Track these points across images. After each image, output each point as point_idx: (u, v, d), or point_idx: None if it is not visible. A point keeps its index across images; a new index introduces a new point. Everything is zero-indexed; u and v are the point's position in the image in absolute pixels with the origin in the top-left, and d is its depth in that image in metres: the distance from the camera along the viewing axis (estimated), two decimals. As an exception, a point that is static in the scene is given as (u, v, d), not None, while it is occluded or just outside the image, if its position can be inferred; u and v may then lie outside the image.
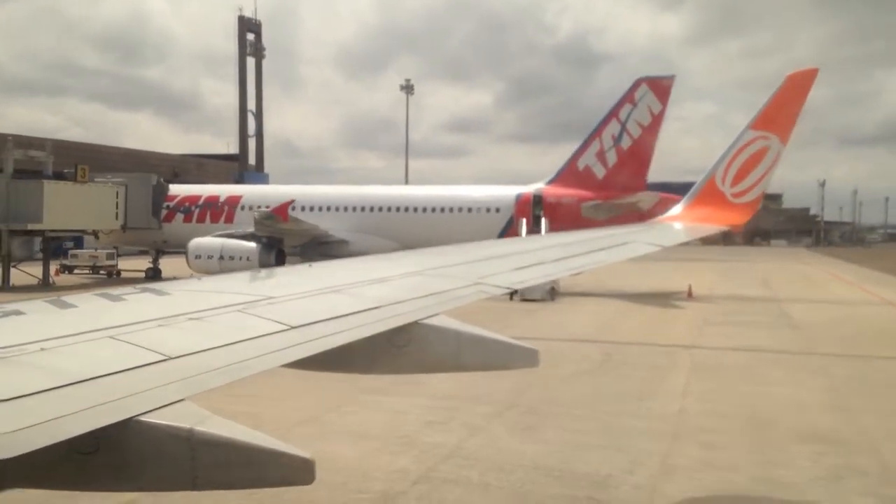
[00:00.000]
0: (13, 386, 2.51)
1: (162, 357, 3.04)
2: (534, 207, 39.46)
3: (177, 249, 46.16)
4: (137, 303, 4.14)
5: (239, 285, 5.12)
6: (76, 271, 44.79)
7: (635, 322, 27.66)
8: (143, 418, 2.59)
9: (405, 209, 41.70)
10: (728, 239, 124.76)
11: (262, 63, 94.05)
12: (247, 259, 37.87)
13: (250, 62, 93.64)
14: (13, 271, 36.88)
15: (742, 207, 11.49)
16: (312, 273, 6.29)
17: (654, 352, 20.91)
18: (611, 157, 39.42)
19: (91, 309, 3.95)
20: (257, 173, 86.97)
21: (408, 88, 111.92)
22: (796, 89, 11.45)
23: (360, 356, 4.30)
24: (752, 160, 11.30)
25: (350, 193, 44.12)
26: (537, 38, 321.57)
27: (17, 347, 2.90)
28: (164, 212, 43.33)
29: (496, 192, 41.73)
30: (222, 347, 3.32)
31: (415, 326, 4.43)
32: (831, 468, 10.79)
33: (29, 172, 38.10)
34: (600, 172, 39.63)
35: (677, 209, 11.95)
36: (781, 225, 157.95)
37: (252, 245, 38.81)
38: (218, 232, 40.60)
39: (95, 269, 44.68)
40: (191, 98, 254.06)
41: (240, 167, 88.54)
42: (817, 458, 11.20)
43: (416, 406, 14.60)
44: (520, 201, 40.29)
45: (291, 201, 38.65)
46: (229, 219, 42.94)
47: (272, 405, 14.50)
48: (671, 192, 32.23)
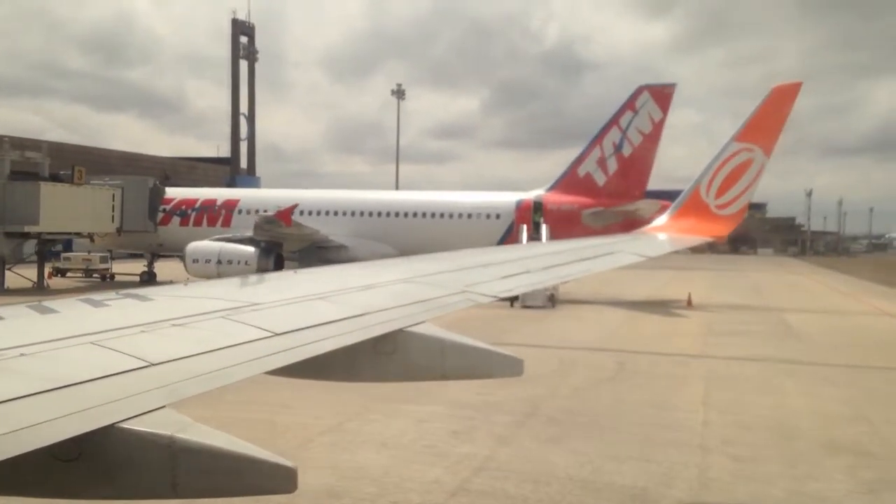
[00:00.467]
0: None
1: (144, 363, 2.99)
2: (534, 214, 39.44)
3: (172, 253, 45.74)
4: (120, 308, 4.07)
5: (223, 291, 5.05)
6: (69, 274, 44.20)
7: (640, 331, 27.64)
8: (125, 425, 2.55)
9: (405, 214, 41.55)
10: (714, 247, 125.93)
11: (255, 66, 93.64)
12: (245, 263, 37.50)
13: (242, 66, 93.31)
14: (8, 274, 36.37)
15: (726, 219, 11.57)
16: (298, 280, 6.23)
17: (666, 361, 20.87)
18: (611, 165, 39.51)
19: (73, 314, 3.88)
20: (249, 177, 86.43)
21: (399, 93, 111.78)
22: (781, 102, 11.57)
23: (345, 363, 4.28)
24: (736, 172, 11.36)
25: (349, 198, 43.90)
26: (524, 45, 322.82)
27: None
28: (161, 215, 42.85)
29: (496, 199, 41.69)
30: (205, 354, 3.27)
31: (400, 334, 4.42)
32: (865, 482, 10.76)
33: (23, 174, 37.52)
34: (601, 179, 39.71)
35: (662, 220, 11.99)
36: (767, 234, 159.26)
37: (250, 249, 38.45)
38: (215, 236, 40.20)
39: (88, 273, 44.10)
40: (176, 100, 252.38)
41: (232, 171, 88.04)
42: (850, 471, 11.16)
43: (437, 415, 14.44)
44: (520, 208, 40.26)
45: (295, 205, 38.34)
46: (226, 223, 42.56)
47: (289, 414, 14.31)
48: (670, 200, 32.32)
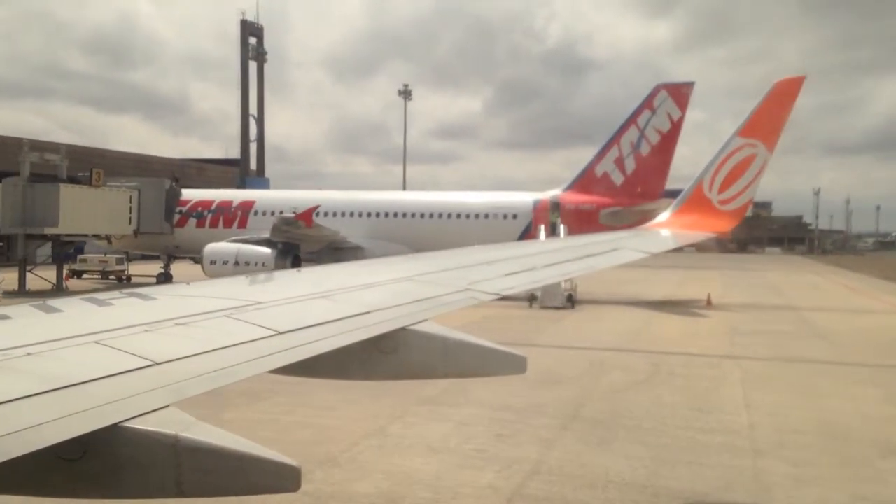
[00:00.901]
0: None
1: (148, 363, 3.00)
2: (552, 214, 39.28)
3: (188, 255, 45.73)
4: (124, 308, 4.07)
5: (226, 290, 5.04)
6: (85, 276, 44.22)
7: (665, 331, 27.48)
8: (129, 424, 2.55)
9: (421, 215, 41.43)
10: (723, 246, 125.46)
11: (264, 67, 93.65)
12: (262, 265, 37.41)
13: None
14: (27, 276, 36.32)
15: (729, 214, 11.52)
16: (301, 278, 6.20)
17: (698, 362, 20.71)
18: (629, 164, 39.33)
19: (77, 314, 3.89)
20: (259, 178, 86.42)
21: (406, 93, 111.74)
22: (783, 96, 11.51)
23: (348, 362, 4.29)
24: (740, 167, 11.34)
25: (366, 199, 43.78)
26: (526, 45, 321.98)
27: (3, 352, 2.85)
28: (177, 217, 42.82)
29: (514, 199, 41.55)
30: (208, 353, 3.27)
31: (402, 333, 4.41)
32: (925, 484, 10.61)
33: (40, 176, 37.48)
34: (618, 179, 39.53)
35: (665, 215, 11.89)
36: (774, 232, 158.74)
37: (267, 251, 38.37)
38: (232, 237, 40.14)
39: (105, 275, 44.11)
40: (180, 102, 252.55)
41: (241, 172, 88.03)
42: (908, 474, 11.02)
43: (477, 417, 14.34)
44: (537, 207, 40.12)
45: (316, 207, 38.22)
46: (242, 224, 42.50)
47: (329, 416, 14.22)
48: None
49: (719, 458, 11.63)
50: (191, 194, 44.50)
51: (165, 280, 43.85)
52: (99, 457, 2.59)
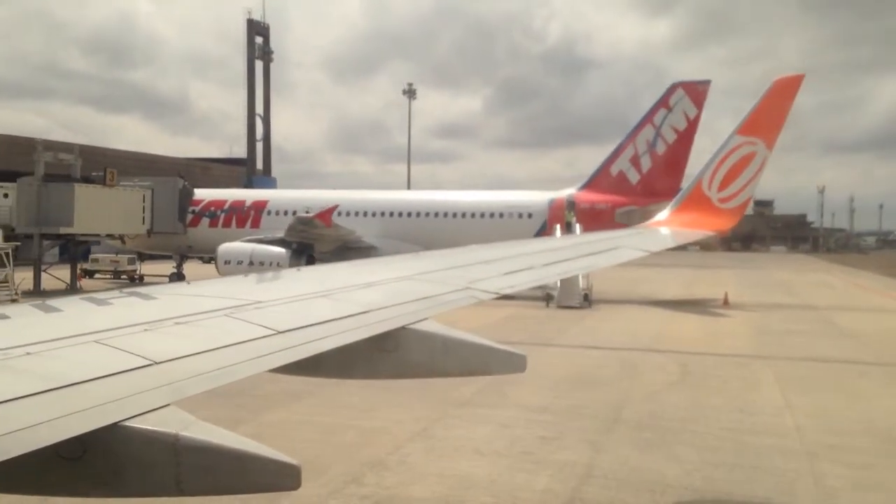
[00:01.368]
0: None
1: (147, 362, 3.00)
2: (567, 213, 39.06)
3: (200, 255, 45.55)
4: (124, 307, 4.07)
5: (226, 289, 5.03)
6: (97, 276, 44.04)
7: (688, 331, 27.27)
8: (129, 423, 2.56)
9: (435, 214, 41.22)
10: (726, 244, 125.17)
11: (270, 67, 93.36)
12: (277, 265, 37.19)
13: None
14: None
15: (728, 213, 11.43)
16: (301, 277, 6.23)
17: (729, 363, 20.50)
18: (645, 163, 39.11)
19: (77, 313, 3.88)
20: (266, 178, 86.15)
21: (410, 93, 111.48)
22: (783, 94, 11.43)
23: (348, 361, 4.30)
24: (739, 165, 11.26)
25: (381, 198, 43.57)
26: (526, 44, 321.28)
27: (2, 352, 2.85)
28: (189, 216, 42.63)
29: (529, 198, 41.33)
30: (208, 352, 3.28)
31: (402, 331, 4.42)
32: None
33: (53, 176, 37.25)
34: (634, 178, 39.31)
35: (664, 214, 11.76)
36: (778, 231, 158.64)
37: (282, 251, 38.19)
38: (247, 237, 39.95)
39: (117, 274, 43.95)
40: (179, 101, 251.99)
41: (248, 171, 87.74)
42: (969, 477, 10.82)
43: (517, 419, 14.15)
44: (553, 206, 39.90)
45: (335, 206, 38.02)
46: (255, 224, 42.31)
47: (369, 418, 14.04)
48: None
49: (773, 462, 11.43)
50: (203, 194, 44.31)
51: (178, 280, 43.69)
52: (99, 456, 2.60)
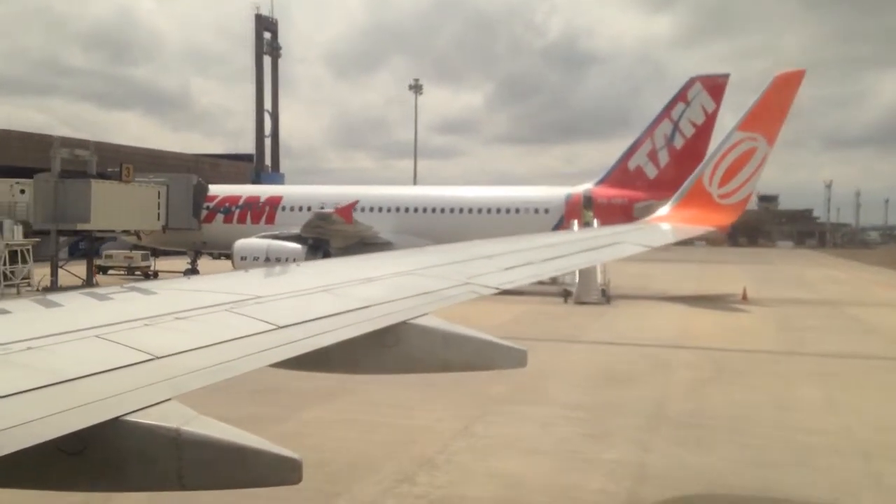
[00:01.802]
0: None
1: (148, 357, 3.01)
2: (584, 209, 38.87)
3: (214, 251, 45.44)
4: (124, 302, 4.07)
5: (227, 285, 5.03)
6: (111, 272, 43.98)
7: (713, 327, 27.08)
8: (130, 418, 2.56)
9: (451, 210, 41.05)
10: (733, 240, 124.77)
11: (279, 62, 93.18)
12: (293, 260, 37.10)
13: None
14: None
15: (729, 208, 11.43)
16: (302, 273, 6.24)
17: (760, 359, 20.36)
18: (663, 157, 38.88)
19: (78, 308, 3.87)
20: (274, 174, 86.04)
21: (416, 88, 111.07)
22: (784, 90, 11.41)
23: (348, 356, 4.28)
24: (740, 161, 11.24)
25: (397, 194, 43.41)
26: (527, 39, 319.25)
27: (3, 347, 2.85)
28: (204, 212, 42.52)
29: (545, 193, 41.12)
30: (209, 347, 3.29)
31: (403, 326, 4.43)
32: None
33: (70, 172, 37.10)
34: (652, 173, 39.08)
35: (665, 210, 11.71)
36: (784, 226, 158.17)
37: (298, 247, 38.08)
38: (262, 233, 39.84)
39: (131, 270, 43.88)
40: (181, 97, 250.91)
41: (256, 167, 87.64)
42: None
43: (558, 417, 14.02)
44: (570, 202, 39.70)
45: (355, 202, 37.88)
46: (270, 220, 42.19)
47: (409, 416, 13.94)
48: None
49: (829, 461, 11.28)
50: (217, 190, 44.18)
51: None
52: (100, 450, 2.59)
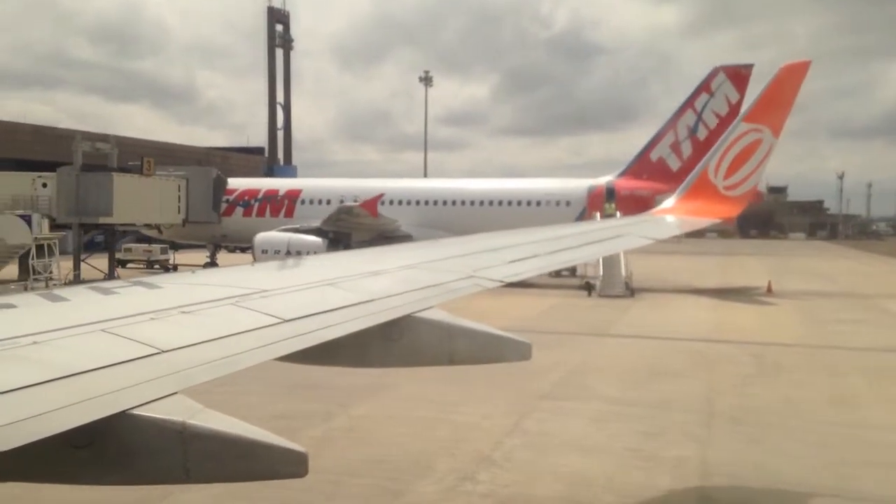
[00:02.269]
0: (6, 379, 2.47)
1: (154, 350, 3.02)
2: (607, 201, 38.54)
3: (233, 244, 45.32)
4: (130, 296, 4.07)
5: (232, 278, 5.03)
6: (130, 265, 43.92)
7: (743, 320, 26.76)
8: (136, 412, 2.57)
9: (471, 202, 40.78)
10: (744, 231, 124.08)
11: (291, 54, 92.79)
12: (314, 254, 36.95)
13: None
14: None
15: (734, 200, 11.41)
16: (307, 266, 6.21)
17: (798, 353, 20.06)
18: (686, 149, 38.48)
19: (83, 302, 3.88)
20: (287, 167, 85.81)
21: (427, 80, 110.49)
22: (789, 81, 11.35)
23: (354, 349, 4.31)
24: (745, 153, 11.23)
25: (420, 187, 43.18)
26: (533, 31, 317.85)
27: (10, 341, 2.85)
28: (223, 206, 42.38)
29: (567, 185, 40.82)
30: (215, 341, 3.30)
31: (408, 320, 4.44)
32: None
33: (90, 166, 36.95)
34: (675, 164, 38.67)
35: (670, 202, 11.70)
36: (795, 217, 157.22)
37: (319, 240, 37.89)
38: (283, 226, 39.68)
39: (150, 264, 43.82)
40: (187, 90, 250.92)
41: (269, 160, 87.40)
42: None
43: (607, 413, 13.79)
44: (592, 194, 39.38)
45: (381, 195, 37.67)
46: (289, 213, 42.03)
47: (457, 412, 13.74)
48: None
49: (897, 458, 11.03)
50: (236, 183, 44.03)
51: (211, 270, 43.48)
52: (107, 443, 2.60)
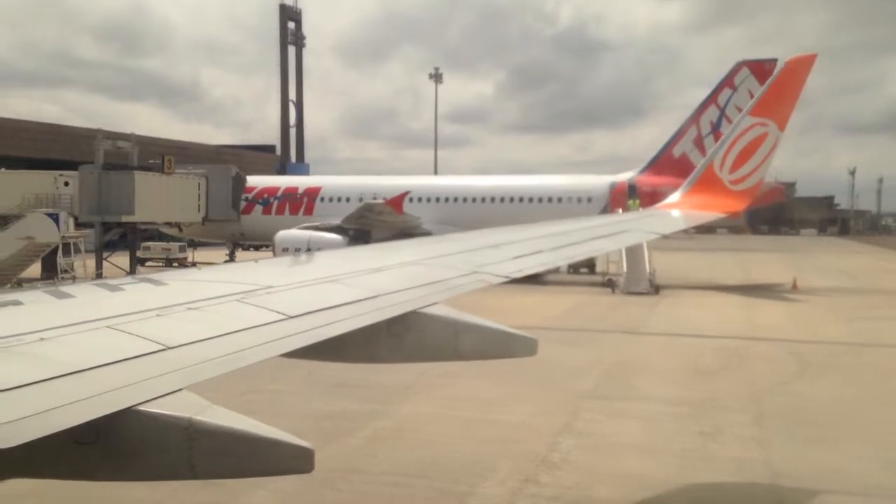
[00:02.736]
0: (12, 376, 2.49)
1: (160, 347, 3.03)
2: (629, 198, 38.27)
3: (252, 242, 45.26)
4: (136, 293, 4.10)
5: (238, 275, 5.04)
6: (148, 263, 43.95)
7: (774, 317, 26.44)
8: (142, 408, 2.58)
9: (492, 199, 40.57)
10: (755, 227, 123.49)
11: (303, 52, 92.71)
12: (334, 252, 36.87)
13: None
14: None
15: (740, 194, 11.36)
16: (312, 263, 6.21)
17: (840, 351, 19.74)
18: (709, 144, 38.10)
19: (90, 299, 3.87)
20: (299, 164, 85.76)
21: (437, 77, 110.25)
22: (794, 75, 11.33)
23: (359, 345, 4.33)
24: (751, 147, 11.20)
25: (443, 184, 42.99)
26: (538, 28, 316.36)
27: (17, 337, 2.86)
28: (242, 204, 42.29)
29: (588, 182, 40.56)
30: (220, 337, 3.31)
31: (413, 315, 4.46)
32: None
33: (113, 165, 36.89)
34: (697, 160, 38.30)
35: (675, 196, 11.67)
36: (805, 213, 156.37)
37: (339, 238, 37.78)
38: (303, 224, 39.56)
39: (169, 262, 43.83)
40: (193, 88, 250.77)
41: (282, 158, 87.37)
42: None
43: (657, 413, 13.56)
44: (614, 191, 39.11)
45: (406, 193, 37.50)
46: (309, 211, 41.91)
47: (502, 411, 13.54)
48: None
49: (969, 460, 10.75)
50: (255, 181, 43.93)
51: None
52: (113, 440, 2.61)
